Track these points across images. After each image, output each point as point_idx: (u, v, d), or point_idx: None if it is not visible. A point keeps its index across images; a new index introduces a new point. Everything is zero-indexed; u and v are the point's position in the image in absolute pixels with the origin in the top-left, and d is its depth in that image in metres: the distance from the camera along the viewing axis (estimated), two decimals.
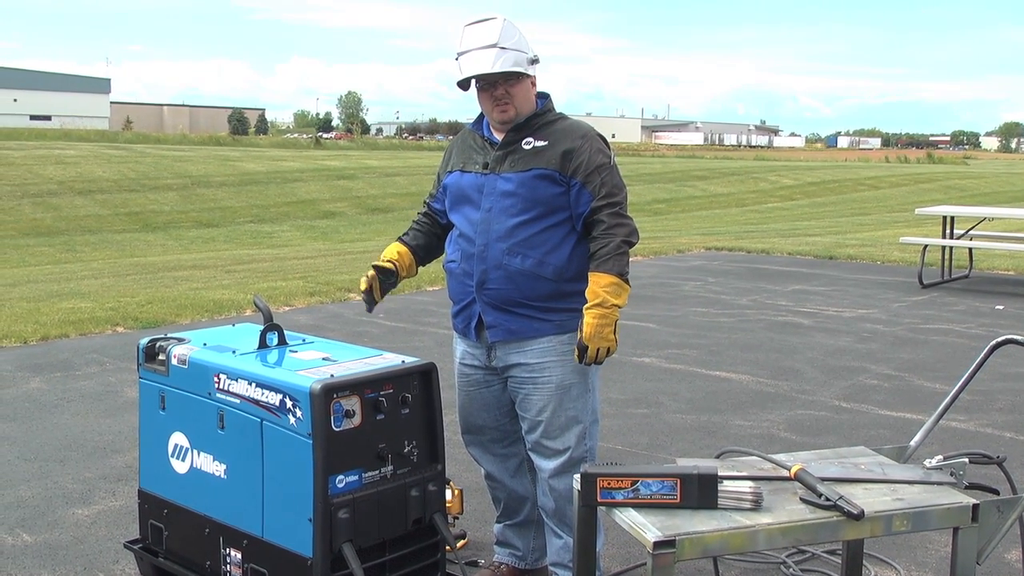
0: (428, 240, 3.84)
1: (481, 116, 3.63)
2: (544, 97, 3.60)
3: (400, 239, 3.86)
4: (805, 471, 2.56)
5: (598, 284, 3.36)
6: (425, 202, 3.88)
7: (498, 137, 3.55)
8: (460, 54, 3.45)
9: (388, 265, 3.72)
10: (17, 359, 7.54)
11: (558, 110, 3.63)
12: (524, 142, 3.49)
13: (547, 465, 3.55)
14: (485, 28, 3.42)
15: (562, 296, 3.47)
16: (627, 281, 3.40)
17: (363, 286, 3.72)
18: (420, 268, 3.92)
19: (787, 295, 10.97)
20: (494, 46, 3.38)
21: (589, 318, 3.33)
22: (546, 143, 3.47)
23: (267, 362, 3.43)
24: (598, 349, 3.35)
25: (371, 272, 3.69)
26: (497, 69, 3.37)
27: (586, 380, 3.56)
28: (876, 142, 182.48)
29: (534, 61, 3.48)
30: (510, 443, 3.77)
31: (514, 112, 3.47)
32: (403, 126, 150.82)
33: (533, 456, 3.62)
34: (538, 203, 3.43)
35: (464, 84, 3.50)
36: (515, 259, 3.43)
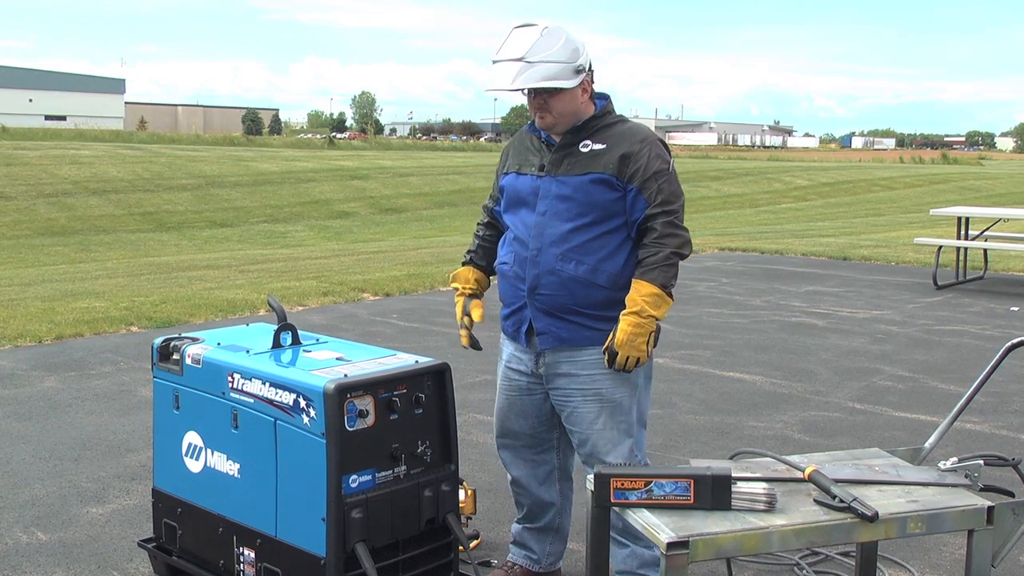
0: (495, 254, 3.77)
1: None
2: (604, 98, 3.51)
3: (473, 263, 3.81)
4: (819, 472, 2.56)
5: (639, 292, 3.29)
6: (487, 207, 3.82)
7: (556, 138, 3.48)
8: (493, 62, 3.37)
9: (480, 305, 3.75)
10: (32, 358, 7.57)
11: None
12: (582, 144, 3.41)
13: None
14: (519, 39, 3.33)
15: (615, 304, 3.38)
16: (671, 294, 3.32)
17: (465, 342, 3.76)
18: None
19: (801, 296, 10.94)
20: (520, 60, 3.29)
21: (624, 324, 3.28)
22: (604, 146, 3.39)
23: (281, 362, 3.44)
24: (627, 357, 3.29)
25: (468, 321, 3.74)
26: (515, 86, 3.30)
27: (635, 392, 3.50)
28: (890, 142, 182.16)
29: (580, 70, 3.35)
30: (543, 451, 3.71)
31: (552, 120, 3.40)
32: (417, 126, 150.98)
33: (587, 469, 3.57)
34: (594, 208, 3.37)
35: None
36: (568, 265, 3.37)
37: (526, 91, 3.40)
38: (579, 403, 3.47)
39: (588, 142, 3.42)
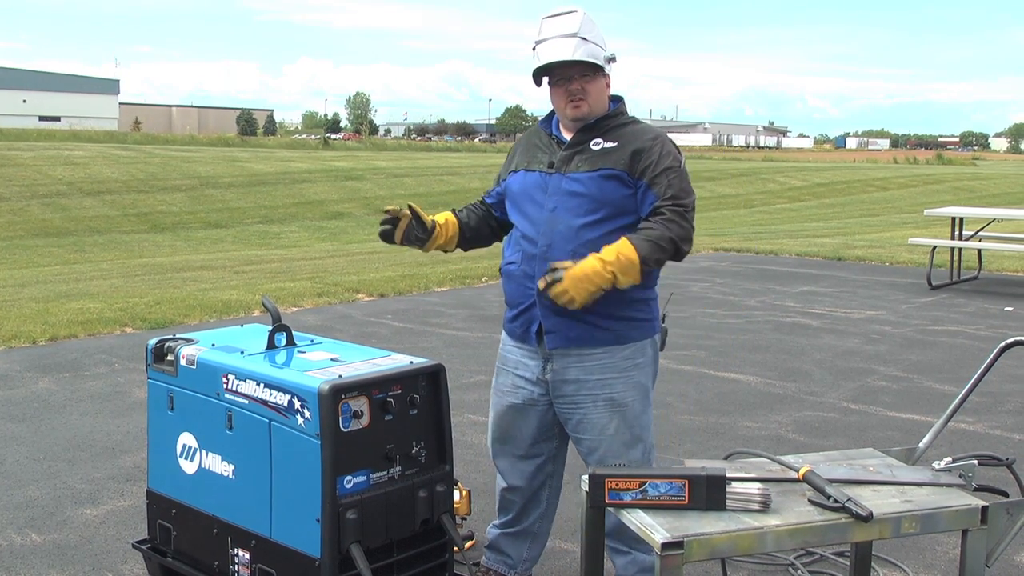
0: (479, 225, 3.71)
1: (551, 115, 3.53)
2: (617, 100, 3.49)
3: (453, 210, 3.74)
4: (813, 473, 2.56)
5: (620, 249, 3.15)
6: (481, 198, 3.78)
7: (567, 136, 3.45)
8: (538, 43, 3.35)
9: (426, 218, 3.55)
10: (26, 359, 7.56)
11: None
12: (593, 143, 3.37)
13: None
14: (566, 19, 3.33)
15: (625, 304, 3.34)
16: (643, 273, 3.19)
17: (388, 205, 3.57)
18: (458, 251, 3.73)
19: (795, 296, 10.95)
20: (575, 35, 3.29)
21: (589, 262, 3.13)
22: (615, 144, 3.35)
23: (275, 363, 3.43)
24: (565, 291, 3.12)
25: (407, 211, 3.51)
26: (577, 57, 3.27)
27: (646, 396, 3.45)
28: (885, 143, 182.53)
29: (611, 59, 3.38)
30: (542, 462, 3.65)
31: (587, 109, 3.36)
32: (411, 127, 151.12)
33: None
34: (605, 204, 3.31)
35: (537, 78, 3.40)
36: (579, 262, 3.27)
37: (549, 83, 3.39)
38: (589, 409, 3.41)
39: (599, 140, 3.38)
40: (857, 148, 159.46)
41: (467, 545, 4.03)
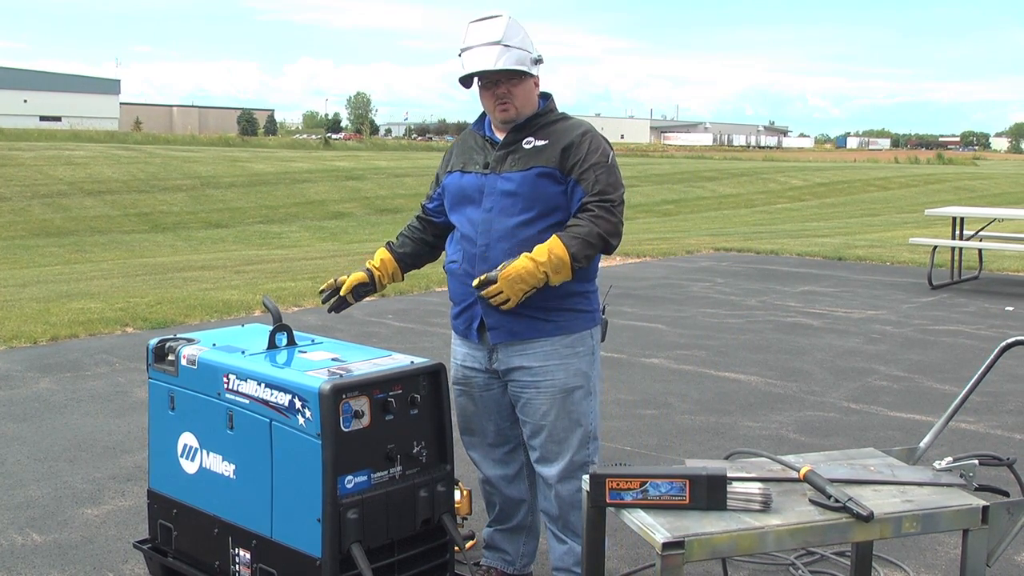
0: (416, 247, 3.85)
1: (483, 116, 3.61)
2: (546, 97, 3.57)
3: (388, 244, 3.89)
4: (814, 472, 2.56)
5: (551, 248, 3.26)
6: (422, 204, 3.87)
7: (500, 136, 3.52)
8: (463, 50, 3.43)
9: (358, 276, 3.79)
10: (27, 359, 7.56)
11: (566, 111, 3.60)
12: (524, 141, 3.45)
13: (549, 471, 3.52)
14: (490, 25, 3.39)
15: (564, 296, 3.42)
16: (573, 271, 3.30)
17: (323, 286, 3.84)
18: (418, 270, 3.95)
19: (796, 296, 10.95)
20: (498, 43, 3.35)
21: (522, 262, 3.24)
22: (547, 142, 3.42)
23: (276, 363, 3.43)
24: (500, 292, 3.24)
25: (340, 280, 3.80)
26: (500, 66, 3.34)
27: (589, 384, 3.52)
28: (885, 143, 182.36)
29: (537, 61, 3.45)
30: (511, 448, 3.72)
31: (515, 111, 3.44)
32: (412, 127, 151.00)
33: (535, 461, 3.59)
34: (538, 202, 3.39)
35: (466, 81, 3.47)
36: (512, 262, 3.34)
37: (478, 85, 3.47)
38: (532, 394, 3.49)
39: (531, 139, 3.46)
40: (858, 148, 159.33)
41: (468, 545, 4.03)
